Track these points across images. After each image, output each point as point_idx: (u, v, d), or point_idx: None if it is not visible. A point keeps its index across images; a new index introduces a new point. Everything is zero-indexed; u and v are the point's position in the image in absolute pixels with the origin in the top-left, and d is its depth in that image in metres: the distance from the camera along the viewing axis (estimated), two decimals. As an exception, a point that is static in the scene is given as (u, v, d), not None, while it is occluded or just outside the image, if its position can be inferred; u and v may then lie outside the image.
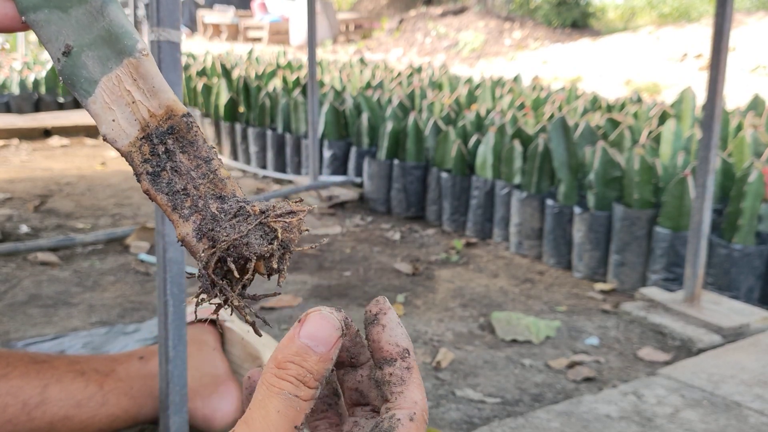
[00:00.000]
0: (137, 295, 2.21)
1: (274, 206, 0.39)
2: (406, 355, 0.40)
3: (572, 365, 1.86)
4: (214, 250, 0.38)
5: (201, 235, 0.39)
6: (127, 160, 0.40)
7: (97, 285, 2.29)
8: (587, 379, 1.79)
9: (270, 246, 0.38)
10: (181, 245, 0.39)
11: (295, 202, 0.40)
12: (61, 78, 0.40)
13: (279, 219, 0.38)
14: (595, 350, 1.96)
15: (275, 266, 0.38)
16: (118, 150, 0.40)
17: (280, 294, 0.40)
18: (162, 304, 1.06)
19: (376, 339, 0.41)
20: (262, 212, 0.38)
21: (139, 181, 0.40)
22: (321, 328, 0.37)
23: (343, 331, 0.38)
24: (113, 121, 0.39)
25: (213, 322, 1.14)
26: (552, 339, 2.02)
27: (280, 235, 0.38)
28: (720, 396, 1.61)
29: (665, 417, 1.52)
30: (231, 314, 0.41)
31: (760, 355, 1.83)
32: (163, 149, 0.39)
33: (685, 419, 1.51)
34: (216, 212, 0.39)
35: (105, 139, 0.40)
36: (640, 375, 1.81)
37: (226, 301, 0.39)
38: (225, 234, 0.38)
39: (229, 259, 0.38)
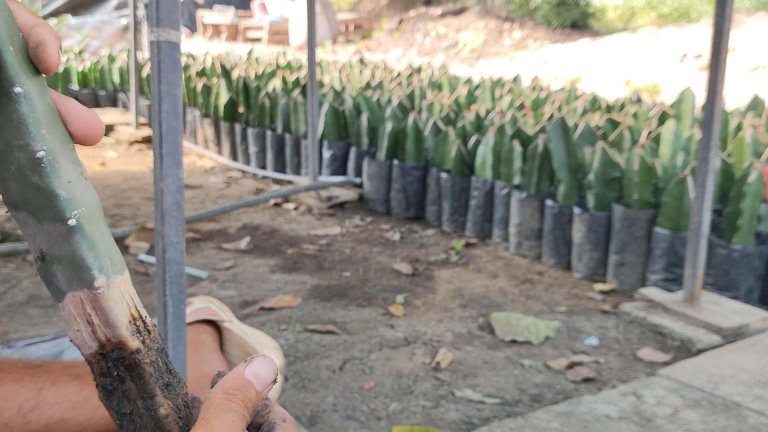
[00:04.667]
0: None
1: None
2: (267, 403, 0.49)
3: (572, 366, 1.86)
4: None
5: None
6: (90, 367, 0.43)
7: (97, 285, 2.29)
8: (587, 380, 1.79)
9: None
10: None
11: None
12: (38, 275, 0.43)
13: None
14: (595, 351, 1.96)
15: None
16: (83, 356, 0.43)
17: None
18: (161, 305, 1.06)
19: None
20: None
21: (97, 388, 0.44)
22: (263, 368, 0.44)
23: (276, 377, 0.45)
24: (78, 331, 0.42)
25: (211, 323, 1.14)
26: (551, 339, 2.02)
27: None
28: (719, 396, 1.61)
29: (665, 417, 1.52)
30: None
31: (759, 355, 1.83)
32: (116, 372, 0.43)
33: (684, 419, 1.51)
34: None
35: (72, 342, 0.43)
36: (640, 375, 1.80)
37: None
38: None
39: None
